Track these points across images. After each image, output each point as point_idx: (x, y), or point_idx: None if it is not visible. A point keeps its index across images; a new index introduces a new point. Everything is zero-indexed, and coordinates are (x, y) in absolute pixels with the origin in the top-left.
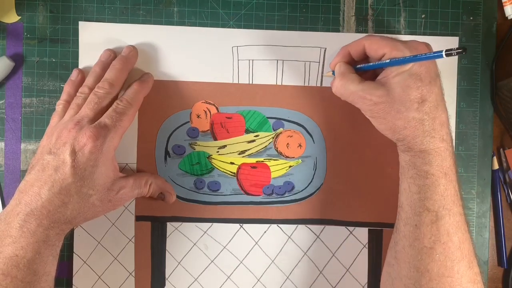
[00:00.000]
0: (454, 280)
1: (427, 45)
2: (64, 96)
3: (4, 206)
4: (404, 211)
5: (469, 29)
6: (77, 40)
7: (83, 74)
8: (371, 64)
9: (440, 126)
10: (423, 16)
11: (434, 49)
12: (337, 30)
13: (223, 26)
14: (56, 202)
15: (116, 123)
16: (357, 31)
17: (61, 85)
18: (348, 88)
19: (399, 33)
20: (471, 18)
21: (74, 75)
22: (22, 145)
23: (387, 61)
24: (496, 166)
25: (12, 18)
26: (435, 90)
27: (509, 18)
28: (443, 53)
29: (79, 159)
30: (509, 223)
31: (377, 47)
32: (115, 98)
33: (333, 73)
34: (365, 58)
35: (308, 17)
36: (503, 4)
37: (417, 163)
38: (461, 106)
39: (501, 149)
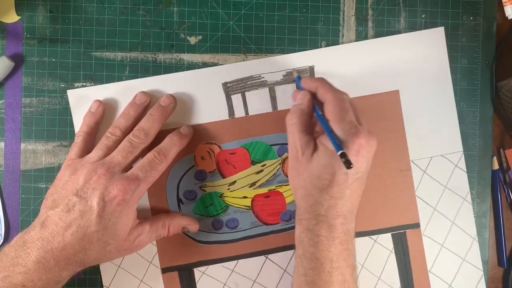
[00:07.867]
0: None
1: (366, 138)
2: (83, 127)
3: (4, 205)
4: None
5: (469, 29)
6: (77, 40)
7: (103, 106)
8: (319, 116)
9: (336, 216)
10: (423, 16)
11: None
12: (337, 30)
13: (223, 26)
14: (77, 247)
15: (148, 177)
16: (357, 31)
17: (61, 85)
18: (290, 126)
19: (399, 32)
20: (471, 18)
21: (94, 106)
22: (22, 145)
23: (327, 131)
24: (496, 166)
25: (12, 18)
26: (348, 183)
27: (509, 18)
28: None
29: (107, 210)
30: (509, 223)
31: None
32: (147, 148)
33: (298, 79)
34: None
35: (308, 17)
36: (503, 4)
37: (304, 240)
38: (461, 106)
39: (501, 149)
